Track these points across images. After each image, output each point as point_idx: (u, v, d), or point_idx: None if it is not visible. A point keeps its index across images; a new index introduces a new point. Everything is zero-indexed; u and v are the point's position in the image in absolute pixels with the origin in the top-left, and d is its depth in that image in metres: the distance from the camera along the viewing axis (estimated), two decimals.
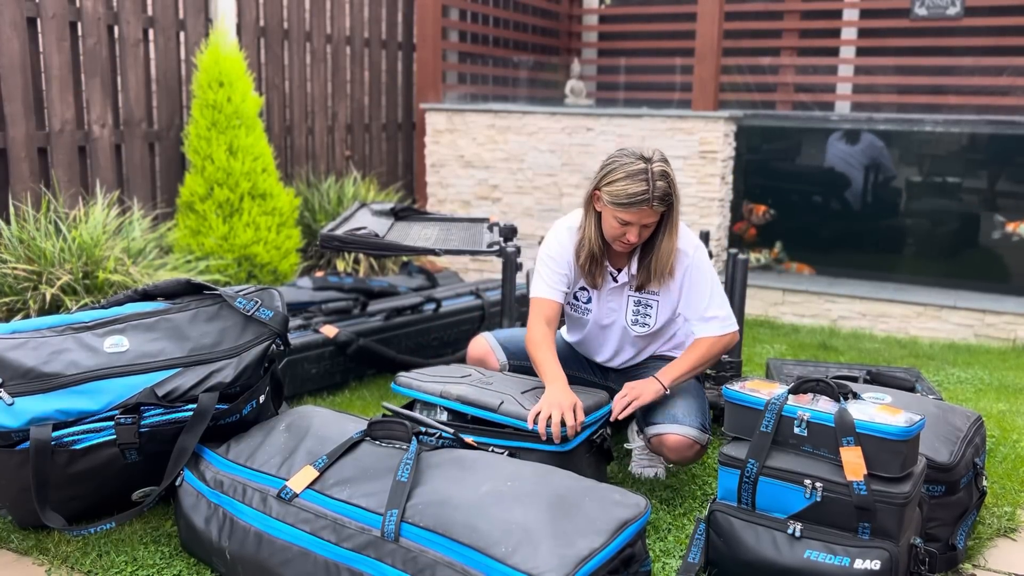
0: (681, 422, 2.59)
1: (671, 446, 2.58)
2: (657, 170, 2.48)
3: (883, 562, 2.00)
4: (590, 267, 2.70)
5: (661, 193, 2.48)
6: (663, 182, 2.49)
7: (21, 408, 2.23)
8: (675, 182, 2.55)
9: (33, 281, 3.41)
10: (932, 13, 5.50)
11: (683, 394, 2.69)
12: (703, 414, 2.67)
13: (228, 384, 2.43)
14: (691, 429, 2.58)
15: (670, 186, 2.51)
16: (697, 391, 2.75)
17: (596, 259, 2.68)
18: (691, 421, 2.60)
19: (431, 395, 2.59)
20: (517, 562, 1.80)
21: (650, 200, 2.47)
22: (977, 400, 3.70)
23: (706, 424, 2.66)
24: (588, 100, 6.75)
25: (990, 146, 4.96)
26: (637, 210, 2.49)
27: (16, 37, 3.97)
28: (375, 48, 5.89)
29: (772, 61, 6.16)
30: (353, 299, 3.92)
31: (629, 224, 2.54)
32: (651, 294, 2.74)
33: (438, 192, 5.92)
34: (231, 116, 4.45)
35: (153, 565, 2.28)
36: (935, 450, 2.31)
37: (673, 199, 2.54)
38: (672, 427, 2.58)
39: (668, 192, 2.51)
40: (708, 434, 2.65)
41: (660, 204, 2.50)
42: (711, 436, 2.72)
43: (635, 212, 2.50)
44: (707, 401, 2.79)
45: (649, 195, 2.47)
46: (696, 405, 2.67)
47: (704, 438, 2.61)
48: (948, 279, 5.06)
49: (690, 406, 2.65)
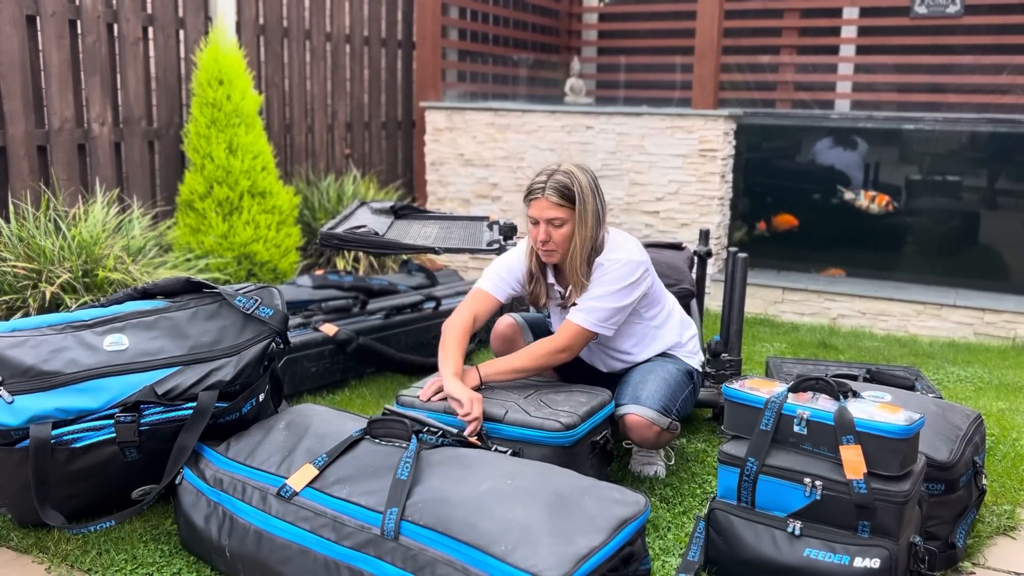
0: (643, 403, 2.63)
1: (629, 425, 2.63)
2: (563, 169, 2.61)
3: (883, 560, 2.00)
4: (533, 288, 2.77)
5: (557, 184, 2.57)
6: (564, 177, 2.58)
7: (21, 406, 2.23)
8: (587, 187, 2.60)
9: (33, 279, 3.41)
10: (932, 11, 5.50)
11: (654, 376, 2.72)
12: (671, 398, 2.68)
13: (228, 382, 2.43)
14: (649, 411, 2.61)
15: (573, 184, 2.58)
16: (669, 374, 2.76)
17: (535, 277, 2.75)
18: (652, 402, 2.63)
19: (435, 412, 2.57)
20: (517, 560, 1.80)
21: (544, 189, 2.57)
22: (977, 398, 3.70)
23: (671, 407, 2.67)
24: (588, 98, 6.74)
25: (990, 144, 4.96)
26: (536, 202, 2.60)
27: (16, 35, 3.96)
28: (375, 46, 5.89)
29: (772, 59, 6.16)
30: (353, 297, 3.91)
31: (537, 223, 2.62)
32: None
33: (438, 190, 5.92)
34: (231, 114, 4.45)
35: (153, 563, 2.28)
36: (935, 448, 2.31)
37: (575, 198, 2.58)
38: (632, 407, 2.62)
39: (566, 186, 2.57)
40: (671, 417, 2.66)
41: (555, 195, 2.56)
42: (678, 423, 2.72)
43: (535, 205, 2.60)
44: (685, 388, 2.79)
45: (544, 185, 2.57)
46: (664, 387, 2.69)
47: (664, 421, 2.62)
48: (948, 277, 5.06)
49: (658, 388, 2.67)
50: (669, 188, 5.24)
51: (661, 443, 2.70)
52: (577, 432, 2.46)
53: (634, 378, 2.76)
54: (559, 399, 2.57)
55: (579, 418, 2.48)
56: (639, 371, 2.80)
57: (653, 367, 2.80)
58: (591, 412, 2.54)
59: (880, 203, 5.14)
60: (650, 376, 2.74)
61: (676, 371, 2.80)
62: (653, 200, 5.28)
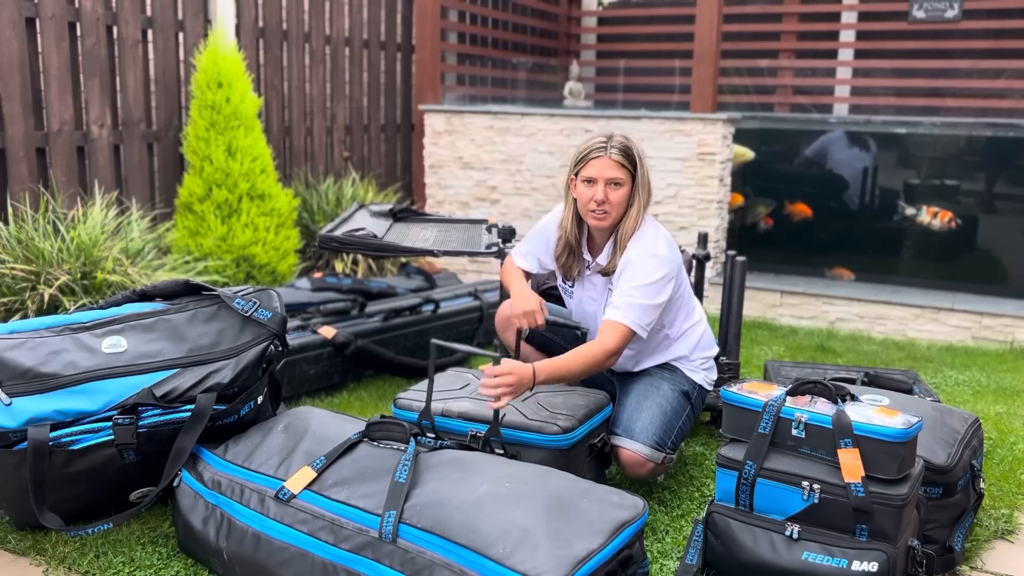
0: (636, 437, 2.55)
1: (623, 461, 2.57)
2: (619, 135, 2.65)
3: (880, 564, 2.00)
4: (566, 260, 2.77)
5: (619, 145, 2.61)
6: (624, 140, 2.63)
7: (19, 408, 2.23)
8: (641, 156, 2.65)
9: (31, 281, 3.41)
10: (930, 16, 5.51)
11: (650, 403, 2.64)
12: (665, 430, 2.59)
13: (226, 385, 2.42)
14: (643, 447, 2.53)
15: (633, 148, 2.63)
16: (668, 402, 2.66)
17: (572, 249, 2.76)
18: (646, 437, 2.55)
19: (433, 414, 2.57)
20: (515, 563, 1.80)
21: (607, 148, 2.59)
22: (975, 402, 3.71)
23: (666, 441, 2.58)
24: (587, 102, 6.76)
25: (988, 148, 4.97)
26: (597, 160, 2.60)
27: (15, 37, 3.97)
28: (374, 49, 5.89)
29: (770, 63, 6.17)
30: (351, 300, 3.92)
31: (594, 182, 2.60)
32: None
33: (437, 193, 5.92)
34: (230, 117, 4.45)
35: (151, 566, 2.28)
36: (933, 452, 2.31)
37: (636, 160, 2.62)
38: (625, 441, 2.56)
39: (628, 147, 2.62)
40: (666, 452, 2.57)
41: (619, 154, 2.59)
42: (672, 454, 2.62)
43: (596, 163, 2.60)
44: (681, 416, 2.69)
45: (607, 145, 2.60)
46: (660, 417, 2.60)
47: (658, 456, 2.54)
48: (946, 281, 5.07)
49: (653, 418, 2.59)
50: (668, 191, 5.25)
51: (654, 475, 2.63)
52: (575, 435, 2.46)
53: (630, 401, 2.67)
54: (557, 402, 2.57)
55: (577, 421, 2.47)
56: (635, 394, 2.69)
57: (648, 391, 2.69)
58: (589, 415, 2.54)
59: (943, 219, 5.04)
60: (646, 403, 2.64)
61: (673, 395, 2.70)
62: (652, 203, 5.27)
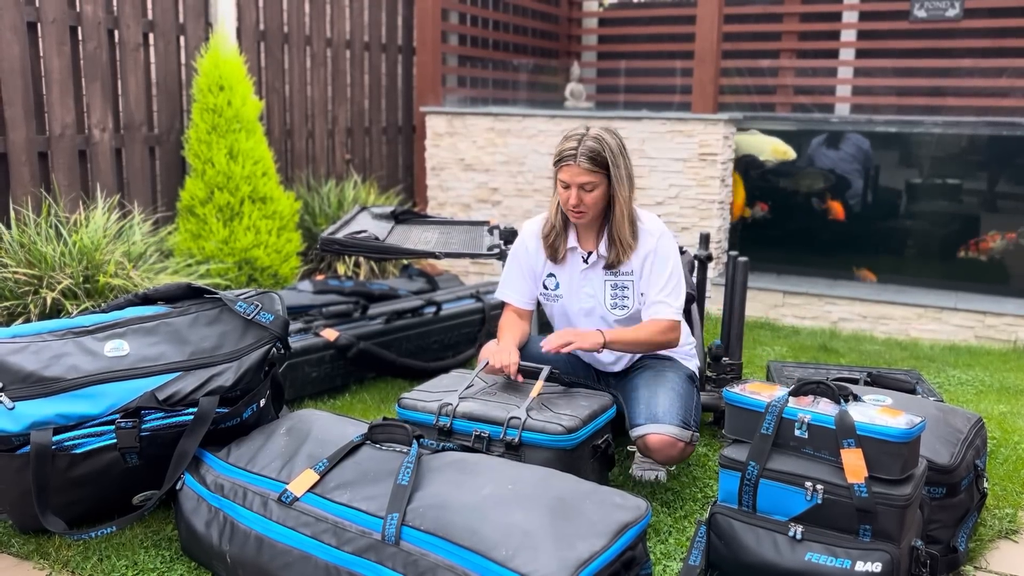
0: (661, 420, 2.59)
1: (654, 447, 2.59)
2: (592, 134, 2.64)
3: (884, 564, 2.00)
4: (553, 240, 2.81)
5: (588, 151, 2.60)
6: (594, 143, 2.62)
7: (22, 412, 2.23)
8: (616, 150, 2.65)
9: (34, 285, 3.41)
10: (931, 15, 5.51)
11: (663, 389, 2.68)
12: (686, 409, 2.65)
13: (228, 388, 2.43)
14: (671, 427, 2.58)
15: (604, 149, 2.62)
16: (678, 385, 2.73)
17: (558, 232, 2.80)
18: (671, 418, 2.59)
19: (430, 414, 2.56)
20: (518, 565, 1.79)
21: (576, 156, 2.60)
22: (978, 402, 3.70)
23: (689, 420, 2.64)
24: (588, 103, 6.76)
25: (990, 148, 4.96)
26: (567, 167, 2.64)
27: (16, 41, 3.97)
28: (375, 52, 5.90)
29: (771, 63, 6.17)
30: (353, 302, 3.92)
31: (568, 186, 2.65)
32: (625, 276, 2.76)
33: (438, 195, 5.92)
34: (231, 120, 4.45)
35: (154, 569, 2.28)
36: (936, 452, 2.31)
37: (608, 163, 2.63)
38: (652, 427, 2.59)
39: (598, 152, 2.61)
40: (692, 430, 2.63)
41: (587, 162, 2.60)
42: (697, 432, 2.70)
43: (566, 170, 2.64)
44: (694, 396, 2.77)
45: (575, 152, 2.60)
46: (677, 400, 2.65)
47: (687, 435, 2.59)
48: (948, 281, 5.06)
49: (671, 402, 2.64)
50: (669, 192, 5.25)
51: (684, 457, 2.65)
52: (579, 436, 2.45)
53: (641, 394, 2.70)
54: (560, 403, 2.57)
55: (581, 422, 2.47)
56: (644, 385, 2.73)
57: (656, 379, 2.74)
58: (593, 416, 2.54)
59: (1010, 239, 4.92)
60: (659, 390, 2.68)
61: (680, 379, 2.76)
62: (653, 204, 5.28)
